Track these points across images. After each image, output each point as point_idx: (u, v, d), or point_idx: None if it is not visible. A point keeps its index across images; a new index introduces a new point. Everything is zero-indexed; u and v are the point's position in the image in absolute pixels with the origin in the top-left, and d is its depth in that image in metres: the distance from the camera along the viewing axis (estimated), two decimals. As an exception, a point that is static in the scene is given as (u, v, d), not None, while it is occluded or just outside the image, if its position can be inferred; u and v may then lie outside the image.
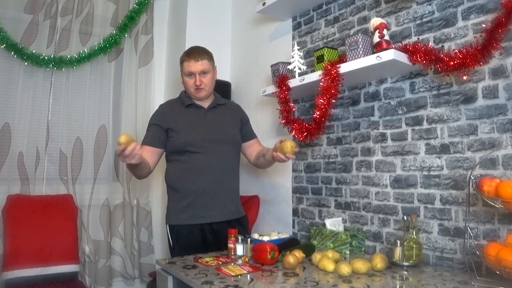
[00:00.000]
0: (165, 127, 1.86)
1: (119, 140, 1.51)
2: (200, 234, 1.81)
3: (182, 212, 1.81)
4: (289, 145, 1.63)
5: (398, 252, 1.45)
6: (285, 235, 1.74)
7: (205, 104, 1.94)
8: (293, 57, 1.91)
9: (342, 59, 1.72)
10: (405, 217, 1.48)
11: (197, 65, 1.83)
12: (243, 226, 1.92)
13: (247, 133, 2.02)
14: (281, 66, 1.98)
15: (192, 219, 1.80)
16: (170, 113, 1.90)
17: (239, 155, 2.00)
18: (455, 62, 1.37)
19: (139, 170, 1.76)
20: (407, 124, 1.63)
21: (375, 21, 1.56)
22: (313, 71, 1.86)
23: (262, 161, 1.92)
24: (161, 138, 1.87)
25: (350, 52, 1.62)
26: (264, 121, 2.43)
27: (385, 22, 1.55)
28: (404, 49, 1.52)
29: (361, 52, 1.58)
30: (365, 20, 1.83)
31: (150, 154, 1.84)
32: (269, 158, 1.81)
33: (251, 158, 2.01)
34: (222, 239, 1.75)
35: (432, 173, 1.53)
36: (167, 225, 1.86)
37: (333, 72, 1.64)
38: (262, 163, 1.95)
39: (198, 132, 1.84)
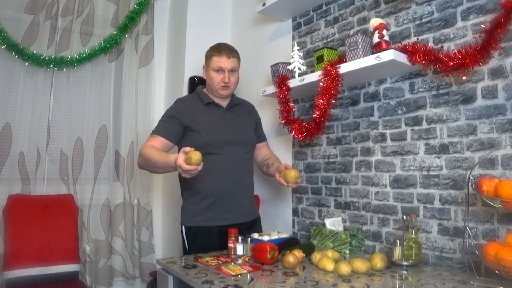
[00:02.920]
0: (184, 124, 1.79)
1: (195, 159, 1.39)
2: (218, 236, 1.78)
3: (200, 214, 1.79)
4: (293, 175, 1.68)
5: (397, 251, 1.46)
6: (285, 235, 1.74)
7: (224, 103, 1.91)
8: (293, 58, 1.91)
9: (342, 59, 1.72)
10: (404, 217, 1.48)
11: (228, 62, 1.82)
12: (259, 225, 1.96)
13: (259, 135, 2.03)
14: (281, 66, 1.99)
15: (211, 221, 1.78)
16: (190, 109, 1.84)
17: (253, 155, 2.00)
18: (455, 62, 1.38)
19: (161, 169, 1.71)
20: (406, 124, 1.64)
21: (375, 21, 1.57)
22: (313, 71, 1.86)
23: (265, 170, 1.98)
24: (177, 133, 1.80)
25: (349, 53, 1.63)
26: (264, 121, 2.41)
27: (384, 22, 1.56)
28: (403, 50, 1.53)
29: (360, 53, 1.58)
30: (365, 20, 1.84)
31: (161, 146, 1.76)
32: (271, 172, 1.88)
33: (257, 160, 2.05)
34: None
35: (431, 173, 1.54)
36: (183, 226, 1.82)
37: (332, 72, 1.64)
38: (264, 171, 2.01)
39: (218, 132, 1.81)
